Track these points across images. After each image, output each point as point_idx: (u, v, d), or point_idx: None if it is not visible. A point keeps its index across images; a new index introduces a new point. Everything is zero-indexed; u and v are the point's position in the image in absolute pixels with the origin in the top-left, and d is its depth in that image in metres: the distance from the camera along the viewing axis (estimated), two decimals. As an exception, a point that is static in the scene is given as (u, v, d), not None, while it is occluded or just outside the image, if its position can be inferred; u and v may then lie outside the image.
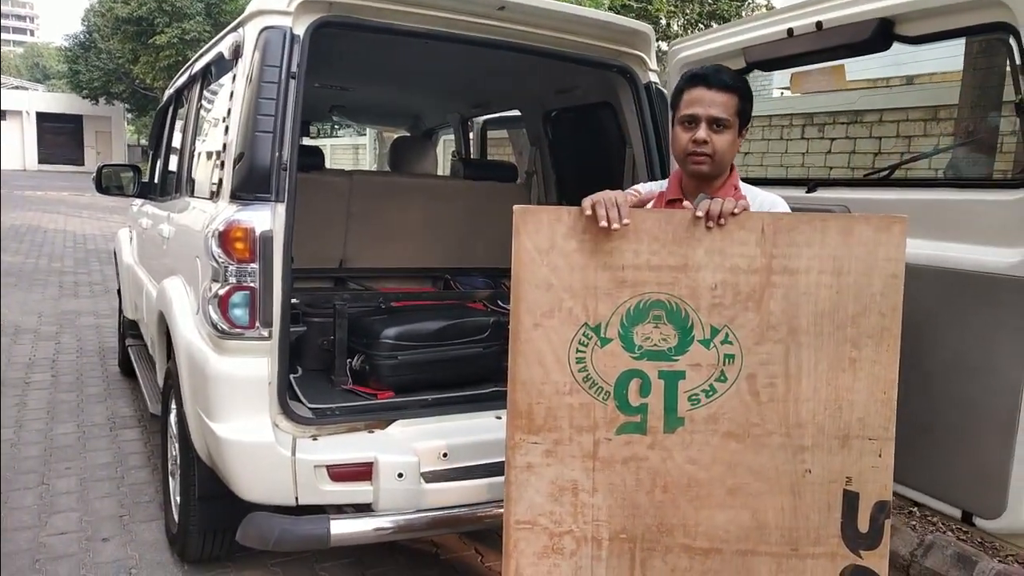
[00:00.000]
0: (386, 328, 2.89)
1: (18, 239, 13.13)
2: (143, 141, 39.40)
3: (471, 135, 5.42)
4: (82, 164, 39.09)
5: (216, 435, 2.41)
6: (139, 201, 4.94)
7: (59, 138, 39.90)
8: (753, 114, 2.04)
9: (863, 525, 1.81)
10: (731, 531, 1.87)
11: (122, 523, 3.42)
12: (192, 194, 3.25)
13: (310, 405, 2.65)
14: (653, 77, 3.21)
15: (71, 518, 3.45)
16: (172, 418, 3.10)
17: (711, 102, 1.95)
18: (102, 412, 4.81)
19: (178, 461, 2.96)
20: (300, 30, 2.53)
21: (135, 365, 4.57)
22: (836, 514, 1.82)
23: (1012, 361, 1.83)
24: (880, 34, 2.07)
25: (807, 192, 2.47)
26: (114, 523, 3.42)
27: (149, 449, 4.23)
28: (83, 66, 35.11)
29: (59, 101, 41.65)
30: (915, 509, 3.16)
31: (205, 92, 3.31)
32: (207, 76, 3.29)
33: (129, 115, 41.05)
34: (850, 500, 1.81)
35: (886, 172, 2.29)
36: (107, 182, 4.72)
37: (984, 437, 1.90)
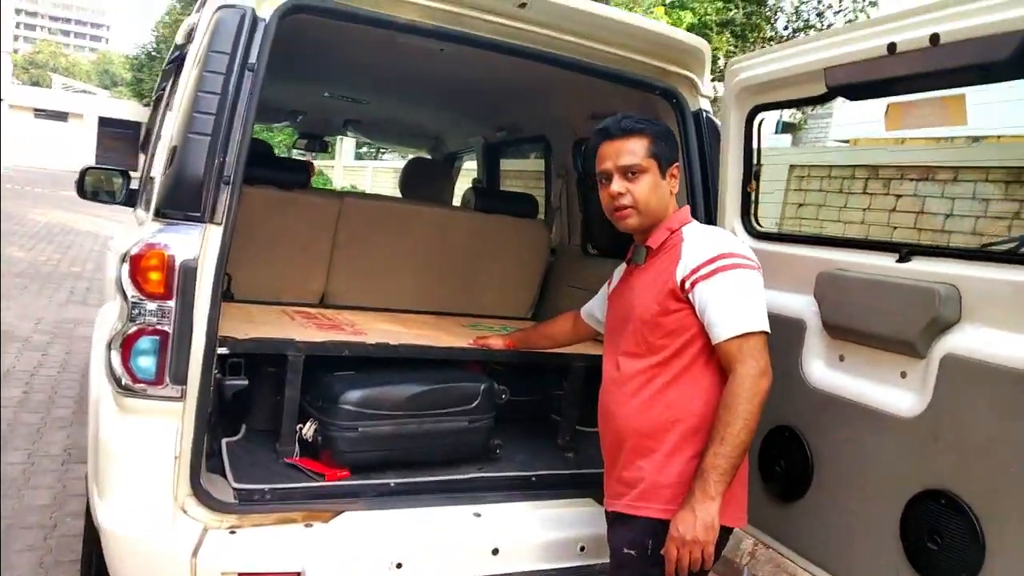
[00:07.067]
0: (348, 390, 2.29)
1: (48, 239, 12.98)
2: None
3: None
4: (136, 169, 39.85)
5: (97, 519, 1.86)
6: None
7: (116, 143, 40.32)
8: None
9: None
10: None
11: (36, 585, 2.89)
12: (145, 206, 2.75)
13: (235, 484, 2.08)
14: (704, 104, 2.63)
15: (-24, 577, 2.93)
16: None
17: (618, 152, 1.89)
18: (61, 441, 4.31)
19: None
20: (266, 13, 2.02)
21: None
22: None
23: None
24: (1027, 52, 1.47)
25: (898, 262, 1.85)
26: (27, 585, 2.89)
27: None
28: (147, 74, 35.77)
29: (120, 107, 42.65)
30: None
31: (168, 87, 2.83)
32: (170, 71, 2.81)
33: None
34: None
35: (1016, 244, 1.67)
36: (92, 187, 4.24)
37: None
